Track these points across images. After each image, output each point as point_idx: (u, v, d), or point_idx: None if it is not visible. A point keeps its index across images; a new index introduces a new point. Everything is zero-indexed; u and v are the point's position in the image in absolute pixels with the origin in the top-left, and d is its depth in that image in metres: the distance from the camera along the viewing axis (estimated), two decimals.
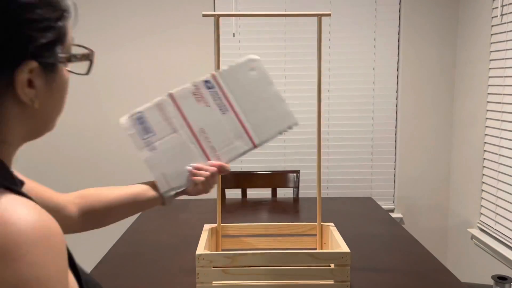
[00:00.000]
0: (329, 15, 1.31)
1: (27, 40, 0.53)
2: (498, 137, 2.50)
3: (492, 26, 2.55)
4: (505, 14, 2.43)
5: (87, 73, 0.67)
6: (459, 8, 2.92)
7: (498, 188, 2.50)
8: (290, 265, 1.22)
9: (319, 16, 1.32)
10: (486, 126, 2.62)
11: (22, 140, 0.62)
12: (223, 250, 1.43)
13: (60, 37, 0.58)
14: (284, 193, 2.98)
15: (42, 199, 0.93)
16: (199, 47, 2.93)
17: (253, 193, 2.95)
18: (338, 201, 2.25)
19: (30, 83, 0.56)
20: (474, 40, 2.74)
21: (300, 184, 2.93)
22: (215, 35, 1.31)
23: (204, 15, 1.28)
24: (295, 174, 2.41)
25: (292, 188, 2.49)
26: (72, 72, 0.65)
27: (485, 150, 2.64)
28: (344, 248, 1.22)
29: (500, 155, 2.49)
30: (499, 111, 2.49)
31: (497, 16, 2.50)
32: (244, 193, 2.41)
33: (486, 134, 2.63)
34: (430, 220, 3.09)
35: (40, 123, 0.62)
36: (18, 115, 0.57)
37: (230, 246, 1.43)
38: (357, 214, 2.03)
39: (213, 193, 3.02)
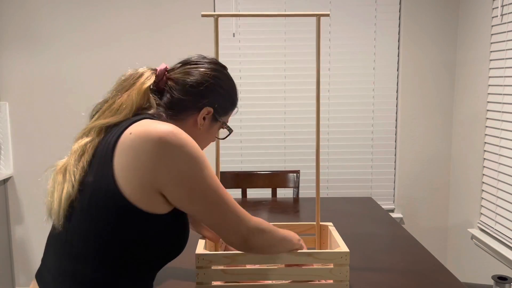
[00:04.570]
0: (327, 15, 1.31)
1: (216, 100, 1.12)
2: (498, 137, 2.50)
3: (492, 26, 2.55)
4: (505, 14, 2.43)
5: (224, 138, 1.22)
6: (459, 8, 2.92)
7: (498, 188, 2.50)
8: (289, 265, 1.22)
9: (318, 16, 1.32)
10: (486, 126, 2.62)
11: None
12: (222, 250, 1.43)
13: (225, 112, 1.16)
14: (284, 193, 2.98)
15: None
16: (199, 47, 2.93)
17: (253, 193, 2.95)
18: (338, 201, 2.25)
19: (204, 118, 1.11)
20: (474, 40, 2.74)
21: (300, 184, 2.93)
22: (214, 35, 1.31)
23: (203, 15, 1.28)
24: (295, 174, 2.41)
25: (292, 188, 2.49)
26: (225, 127, 1.19)
27: (485, 150, 2.64)
28: (343, 247, 1.22)
29: (500, 155, 2.49)
30: (499, 111, 2.49)
31: (497, 16, 2.50)
32: (244, 193, 2.41)
33: (486, 134, 2.63)
34: (430, 220, 3.09)
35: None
36: (189, 127, 1.10)
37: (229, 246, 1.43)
38: (357, 214, 2.03)
39: None
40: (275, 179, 2.42)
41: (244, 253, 1.20)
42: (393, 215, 3.04)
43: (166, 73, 1.12)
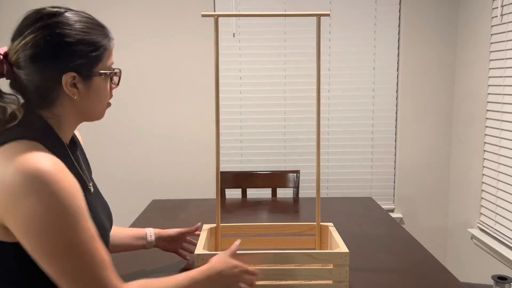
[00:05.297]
0: (328, 15, 1.31)
1: (69, 61, 0.88)
2: (498, 137, 2.50)
3: (492, 26, 2.55)
4: (505, 14, 2.43)
5: (117, 84, 1.02)
6: (459, 8, 2.92)
7: (498, 188, 2.50)
8: (289, 265, 1.22)
9: (318, 16, 1.32)
10: (486, 126, 2.62)
11: (75, 120, 0.96)
12: (222, 250, 1.43)
13: (95, 61, 0.93)
14: (284, 193, 2.98)
15: None
16: (199, 46, 2.93)
17: (253, 193, 2.95)
18: (338, 201, 2.25)
19: (74, 85, 0.91)
20: (474, 40, 2.74)
21: (300, 184, 2.93)
22: (214, 35, 1.31)
23: (203, 15, 1.29)
24: (295, 174, 2.41)
25: (292, 188, 2.49)
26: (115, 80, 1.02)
27: (485, 150, 2.64)
28: (343, 248, 1.22)
29: (500, 155, 2.49)
30: (499, 111, 2.49)
31: (497, 16, 2.50)
32: (244, 193, 2.41)
33: (486, 134, 2.63)
34: (430, 220, 3.09)
35: (85, 111, 0.96)
36: (69, 103, 0.92)
37: (230, 246, 1.43)
38: (357, 214, 2.03)
39: (213, 193, 3.02)
40: (275, 179, 2.42)
41: (243, 253, 1.20)
42: (393, 215, 3.04)
43: (4, 59, 0.89)
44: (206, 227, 1.39)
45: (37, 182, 0.77)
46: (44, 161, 0.79)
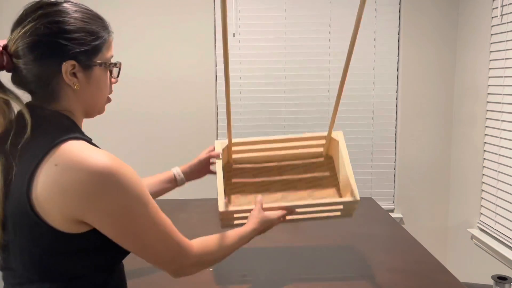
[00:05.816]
0: None
1: (69, 49, 0.87)
2: (498, 137, 2.50)
3: (492, 26, 2.55)
4: (505, 14, 2.43)
5: (117, 76, 0.99)
6: (459, 8, 2.92)
7: (498, 188, 2.50)
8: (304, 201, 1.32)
9: None
10: (486, 126, 2.62)
11: (82, 114, 0.95)
12: (233, 164, 1.53)
13: (95, 51, 0.91)
14: None
15: None
16: (200, 45, 2.92)
17: None
18: None
19: (74, 74, 0.89)
20: (474, 40, 2.74)
21: None
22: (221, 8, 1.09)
23: None
24: None
25: None
26: (114, 73, 0.99)
27: (485, 150, 2.64)
28: (355, 195, 1.29)
29: (500, 155, 2.49)
30: (499, 111, 2.49)
31: (497, 16, 2.50)
32: None
33: (486, 134, 2.63)
34: (430, 220, 3.09)
35: (88, 102, 0.94)
36: (72, 94, 0.91)
37: (242, 162, 1.52)
38: (357, 214, 2.03)
39: (213, 193, 3.02)
40: None
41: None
42: (393, 215, 3.04)
43: (4, 51, 0.88)
44: (218, 144, 1.46)
45: (109, 178, 0.82)
46: (104, 157, 0.83)
